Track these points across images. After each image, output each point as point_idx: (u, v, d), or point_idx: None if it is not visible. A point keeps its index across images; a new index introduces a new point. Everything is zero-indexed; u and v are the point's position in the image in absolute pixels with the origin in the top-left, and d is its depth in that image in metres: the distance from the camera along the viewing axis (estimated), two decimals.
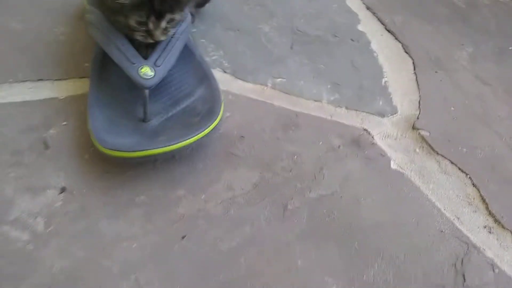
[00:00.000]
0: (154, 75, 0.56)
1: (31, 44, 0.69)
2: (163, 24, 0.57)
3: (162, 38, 0.58)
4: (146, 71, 0.55)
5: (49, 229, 0.50)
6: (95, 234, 0.50)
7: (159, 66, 0.57)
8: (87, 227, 0.51)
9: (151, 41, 0.58)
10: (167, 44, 0.59)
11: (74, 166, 0.55)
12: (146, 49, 0.62)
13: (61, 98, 0.63)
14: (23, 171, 0.54)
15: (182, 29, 0.61)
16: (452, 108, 0.70)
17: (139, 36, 0.58)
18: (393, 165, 0.61)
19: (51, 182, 0.54)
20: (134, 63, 0.56)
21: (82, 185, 0.54)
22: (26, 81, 0.64)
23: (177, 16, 0.58)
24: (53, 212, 0.51)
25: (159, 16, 0.56)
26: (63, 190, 0.53)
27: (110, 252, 0.49)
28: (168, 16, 0.57)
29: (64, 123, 0.60)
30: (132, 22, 0.56)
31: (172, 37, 0.60)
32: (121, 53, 0.56)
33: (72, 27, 0.73)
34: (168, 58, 0.58)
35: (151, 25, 0.56)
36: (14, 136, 0.58)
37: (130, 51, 0.57)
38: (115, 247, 0.50)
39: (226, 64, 0.72)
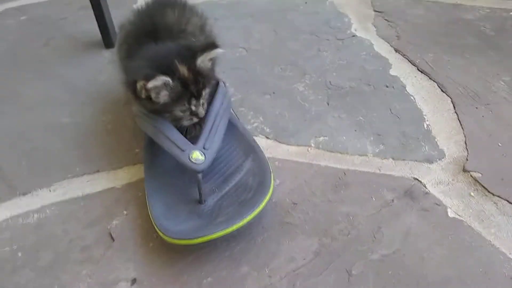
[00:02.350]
0: (205, 159, 0.58)
1: (82, 137, 0.74)
2: (202, 101, 0.61)
3: (204, 112, 0.62)
4: (197, 156, 0.58)
5: None
6: None
7: (207, 149, 0.59)
8: None
9: (196, 120, 0.62)
10: (212, 126, 0.61)
11: (141, 255, 0.58)
12: (194, 127, 0.65)
13: (119, 187, 0.66)
14: (94, 267, 0.57)
15: (224, 107, 0.64)
16: (499, 144, 0.69)
17: (186, 122, 0.61)
18: (450, 214, 0.61)
19: (122, 274, 0.56)
20: (184, 150, 0.58)
21: (151, 274, 0.56)
22: (83, 174, 0.68)
23: (209, 89, 0.62)
24: None
25: (198, 97, 0.60)
26: (134, 281, 0.55)
27: None
28: (204, 93, 0.61)
29: (125, 212, 0.63)
30: (178, 113, 0.59)
31: (215, 118, 0.62)
32: (171, 141, 0.59)
33: (117, 114, 0.77)
34: (215, 139, 0.61)
35: (193, 108, 0.60)
36: (80, 232, 0.61)
37: (179, 138, 0.60)
38: None
39: (267, 130, 0.74)
